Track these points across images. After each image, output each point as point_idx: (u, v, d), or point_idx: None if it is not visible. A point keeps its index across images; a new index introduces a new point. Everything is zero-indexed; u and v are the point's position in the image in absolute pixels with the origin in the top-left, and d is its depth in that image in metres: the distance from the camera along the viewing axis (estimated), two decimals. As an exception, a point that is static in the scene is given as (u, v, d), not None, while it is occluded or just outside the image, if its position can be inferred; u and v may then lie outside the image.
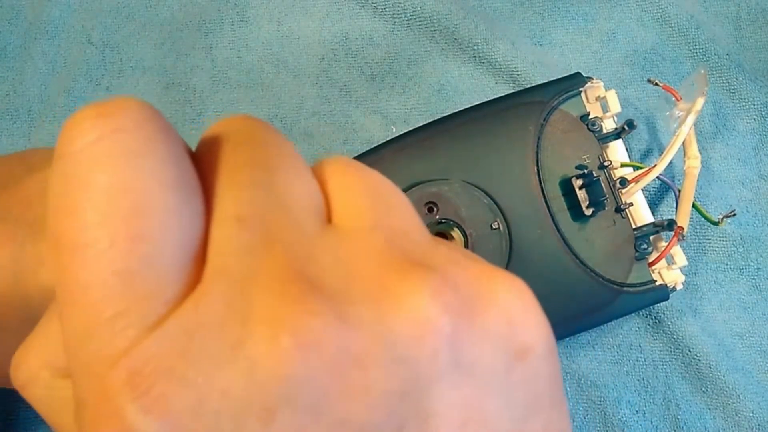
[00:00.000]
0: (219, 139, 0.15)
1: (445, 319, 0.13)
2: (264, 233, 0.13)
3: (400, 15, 0.39)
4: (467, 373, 0.13)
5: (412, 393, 0.13)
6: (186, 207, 0.13)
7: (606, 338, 0.35)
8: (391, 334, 0.12)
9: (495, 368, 0.14)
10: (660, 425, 0.35)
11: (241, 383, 0.12)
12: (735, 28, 0.40)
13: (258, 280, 0.12)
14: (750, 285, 0.36)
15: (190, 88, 0.38)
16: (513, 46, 0.38)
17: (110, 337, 0.12)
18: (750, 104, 0.38)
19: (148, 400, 0.11)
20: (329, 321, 0.12)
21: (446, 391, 0.13)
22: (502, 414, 0.14)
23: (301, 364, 0.12)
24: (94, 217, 0.12)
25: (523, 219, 0.31)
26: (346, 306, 0.13)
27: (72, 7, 0.40)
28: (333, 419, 0.12)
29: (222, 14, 0.39)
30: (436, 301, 0.13)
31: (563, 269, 0.31)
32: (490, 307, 0.14)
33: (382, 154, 0.32)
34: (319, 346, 0.12)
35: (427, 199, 0.30)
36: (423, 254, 0.14)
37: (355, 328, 0.12)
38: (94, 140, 0.13)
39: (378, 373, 0.12)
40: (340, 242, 0.14)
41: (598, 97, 0.33)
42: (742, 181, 0.37)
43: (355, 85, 0.38)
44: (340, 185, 0.15)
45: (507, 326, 0.14)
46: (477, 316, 0.13)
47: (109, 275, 0.12)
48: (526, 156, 0.31)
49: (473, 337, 0.13)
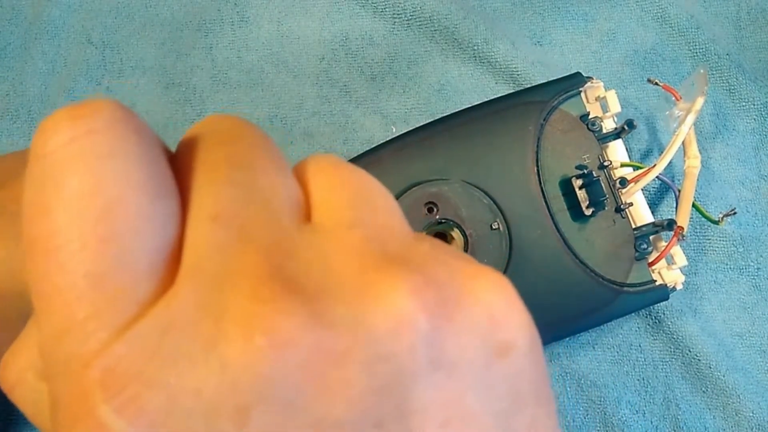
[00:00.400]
0: (197, 139, 0.15)
1: (423, 315, 0.13)
2: (239, 231, 0.13)
3: (400, 15, 0.39)
4: (448, 370, 0.13)
5: (390, 391, 0.12)
6: (159, 208, 0.13)
7: (606, 338, 0.35)
8: (369, 332, 0.12)
9: (477, 365, 0.13)
10: (660, 425, 0.35)
11: (213, 383, 0.11)
12: (735, 28, 0.40)
13: (232, 278, 0.12)
14: (750, 285, 0.36)
15: (190, 88, 0.38)
16: (513, 46, 0.38)
17: (83, 338, 0.12)
18: (750, 104, 0.38)
19: (120, 400, 0.11)
20: (304, 320, 0.12)
21: (427, 388, 0.13)
22: (484, 412, 0.14)
23: (274, 363, 0.12)
24: (65, 219, 0.12)
25: (523, 219, 0.31)
26: (323, 304, 0.12)
27: (72, 7, 0.40)
28: (309, 418, 0.12)
29: (222, 14, 0.39)
30: (414, 298, 0.13)
31: (563, 269, 0.31)
32: (471, 304, 0.14)
33: (382, 154, 0.32)
34: (293, 345, 0.12)
35: (427, 199, 0.30)
36: (404, 252, 0.14)
37: (331, 326, 0.12)
38: (66, 141, 0.13)
39: (355, 371, 0.12)
40: (319, 240, 0.14)
41: (598, 97, 0.33)
42: (742, 181, 0.37)
43: (355, 85, 0.38)
44: (321, 184, 0.15)
45: (488, 323, 0.14)
46: (458, 313, 0.13)
47: (80, 277, 0.12)
48: (526, 156, 0.31)
49: (454, 334, 0.13)
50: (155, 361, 0.12)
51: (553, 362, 0.35)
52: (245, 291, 0.12)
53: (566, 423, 0.35)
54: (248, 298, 0.12)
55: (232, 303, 0.12)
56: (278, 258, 0.13)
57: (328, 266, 0.13)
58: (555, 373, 0.35)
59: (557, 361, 0.35)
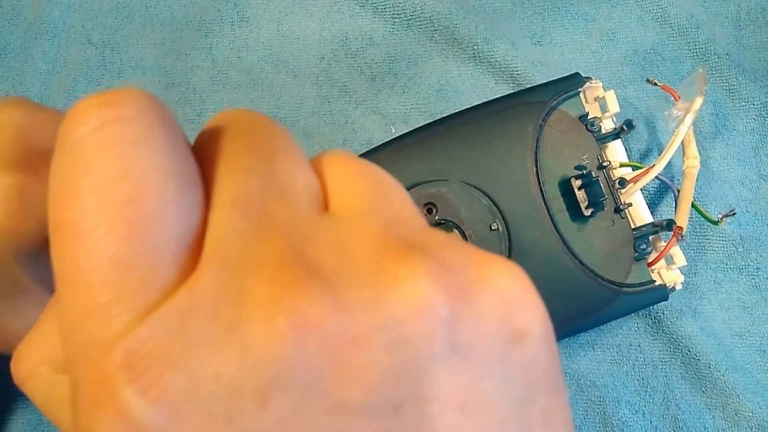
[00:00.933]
0: (218, 130, 0.15)
1: (442, 300, 0.13)
2: (260, 218, 0.13)
3: (400, 15, 0.39)
4: (465, 356, 0.13)
5: (409, 375, 0.13)
6: (184, 195, 0.13)
7: (606, 338, 0.36)
8: (388, 316, 0.12)
9: (493, 352, 0.14)
10: (660, 425, 0.35)
11: (235, 365, 0.12)
12: (735, 28, 0.40)
13: (254, 263, 0.12)
14: (750, 285, 0.36)
15: (190, 88, 0.38)
16: (513, 46, 0.38)
17: (106, 322, 0.12)
18: (750, 104, 0.38)
19: (143, 383, 0.12)
20: (325, 303, 0.12)
21: (444, 374, 0.13)
22: (500, 398, 0.14)
23: (296, 346, 0.12)
24: (92, 203, 0.12)
25: (522, 220, 0.31)
26: (343, 288, 0.13)
27: (72, 7, 0.40)
28: (329, 401, 0.12)
29: (222, 14, 0.39)
30: (433, 283, 0.13)
31: (562, 270, 0.31)
32: (488, 291, 0.14)
33: (382, 155, 0.32)
34: (314, 328, 0.12)
35: (427, 199, 0.30)
36: (421, 240, 0.14)
37: (351, 310, 0.12)
38: (96, 128, 0.13)
39: (374, 355, 0.12)
40: (337, 227, 0.14)
41: (597, 97, 0.33)
42: (742, 181, 0.37)
43: (354, 85, 0.38)
44: (338, 175, 0.16)
45: (504, 309, 0.14)
46: (474, 299, 0.13)
47: (106, 260, 0.12)
48: (525, 156, 0.31)
49: (471, 320, 0.13)
50: (177, 344, 0.12)
51: (553, 362, 0.35)
52: (267, 275, 0.12)
53: (566, 423, 0.35)
54: (270, 282, 0.12)
55: (253, 287, 0.12)
56: (299, 244, 0.13)
57: (347, 252, 0.13)
58: (554, 373, 0.35)
59: (557, 361, 0.35)
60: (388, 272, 0.13)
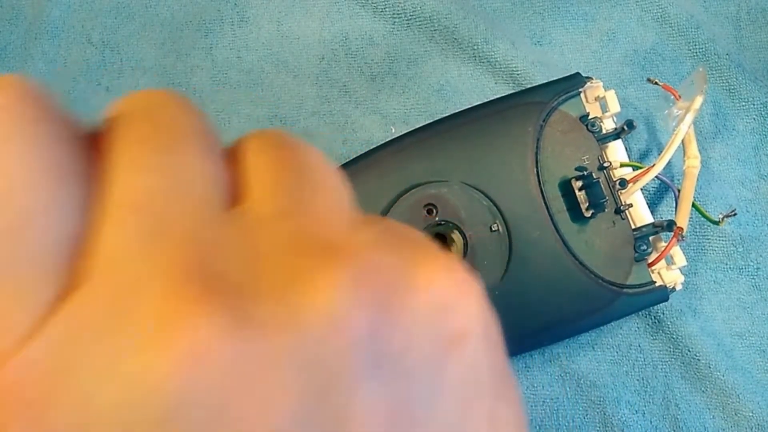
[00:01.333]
0: (118, 118, 0.13)
1: (362, 312, 0.12)
2: (155, 223, 0.12)
3: (400, 15, 0.39)
4: (393, 369, 0.12)
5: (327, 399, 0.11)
6: (63, 196, 0.11)
7: (606, 338, 0.36)
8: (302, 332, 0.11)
9: (427, 359, 0.12)
10: (660, 425, 0.35)
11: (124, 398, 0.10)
12: (735, 28, 0.40)
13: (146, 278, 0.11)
14: (749, 285, 0.36)
15: (190, 88, 0.38)
16: (513, 46, 0.38)
17: None
18: (750, 104, 0.38)
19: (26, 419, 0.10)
20: (225, 324, 0.10)
21: (370, 390, 0.12)
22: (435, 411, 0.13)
23: (192, 375, 0.10)
24: None
25: (522, 220, 0.31)
26: (250, 304, 0.11)
27: (72, 7, 0.40)
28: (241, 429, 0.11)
29: (222, 14, 0.39)
30: (351, 293, 0.11)
31: (563, 271, 0.31)
32: (419, 293, 0.12)
33: (381, 156, 0.32)
34: (212, 354, 0.10)
35: (427, 200, 0.30)
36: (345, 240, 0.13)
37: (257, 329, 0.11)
38: None
39: (286, 379, 0.11)
40: (249, 231, 0.12)
41: (598, 97, 0.33)
42: (742, 181, 0.37)
43: (354, 85, 0.38)
44: (259, 164, 0.14)
45: (437, 311, 0.13)
46: (402, 304, 0.12)
47: None
48: (525, 157, 0.31)
49: (399, 327, 0.12)
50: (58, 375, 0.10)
51: (553, 362, 0.35)
52: (159, 292, 0.11)
53: (566, 423, 0.35)
54: (162, 301, 0.11)
55: (144, 307, 0.11)
56: (200, 253, 0.11)
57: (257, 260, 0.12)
58: (555, 373, 0.35)
59: (557, 362, 0.35)
60: (302, 283, 0.11)
